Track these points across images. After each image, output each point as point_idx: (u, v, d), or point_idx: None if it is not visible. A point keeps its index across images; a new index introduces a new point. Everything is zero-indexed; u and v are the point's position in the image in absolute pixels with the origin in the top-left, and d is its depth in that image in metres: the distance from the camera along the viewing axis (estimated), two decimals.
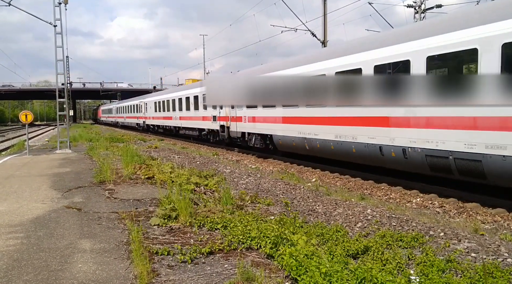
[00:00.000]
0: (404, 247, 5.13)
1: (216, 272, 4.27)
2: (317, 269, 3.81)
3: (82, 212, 6.91)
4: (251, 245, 5.04)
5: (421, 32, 9.68)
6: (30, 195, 8.49)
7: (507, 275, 4.00)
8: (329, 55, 13.16)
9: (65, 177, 10.82)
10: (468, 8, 9.25)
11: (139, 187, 9.29)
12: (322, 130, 13.16)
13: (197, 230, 5.80)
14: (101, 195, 8.41)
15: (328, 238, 5.36)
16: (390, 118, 10.31)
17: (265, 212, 6.99)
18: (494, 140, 7.86)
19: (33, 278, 4.12)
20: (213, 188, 8.98)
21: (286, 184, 10.20)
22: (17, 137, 36.93)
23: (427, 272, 4.12)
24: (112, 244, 5.19)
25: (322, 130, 13.18)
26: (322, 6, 25.51)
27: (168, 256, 4.72)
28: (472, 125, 8.27)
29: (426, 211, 8.22)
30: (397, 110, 9.93)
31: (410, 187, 10.53)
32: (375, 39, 11.66)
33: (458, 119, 8.55)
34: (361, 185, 11.42)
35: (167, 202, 6.78)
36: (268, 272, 4.22)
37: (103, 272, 4.27)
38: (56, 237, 5.53)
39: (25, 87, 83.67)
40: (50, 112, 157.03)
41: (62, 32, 18.06)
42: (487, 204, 8.59)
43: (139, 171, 11.09)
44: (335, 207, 7.55)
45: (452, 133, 8.72)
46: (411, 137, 9.71)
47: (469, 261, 4.48)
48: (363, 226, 6.31)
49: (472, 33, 8.23)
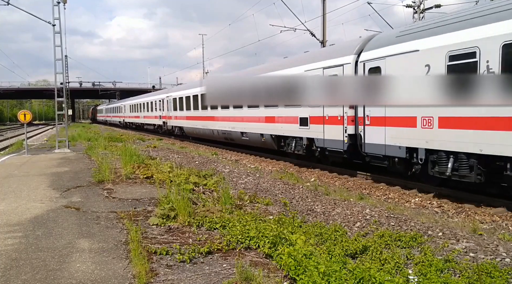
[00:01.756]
0: (403, 246, 5.14)
1: (214, 272, 4.27)
2: (315, 269, 3.81)
3: (80, 212, 6.90)
4: (249, 244, 5.04)
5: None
6: (28, 194, 8.47)
7: (505, 275, 4.01)
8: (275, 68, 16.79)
9: (63, 177, 10.81)
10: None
11: (137, 187, 9.29)
12: (208, 124, 22.90)
13: (196, 230, 5.80)
14: (99, 194, 8.40)
15: (326, 238, 5.37)
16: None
17: (264, 211, 6.99)
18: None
19: (31, 278, 4.12)
20: (212, 188, 8.98)
21: (285, 183, 10.21)
22: (16, 137, 36.86)
23: (426, 271, 4.13)
24: (111, 243, 5.19)
25: (207, 124, 22.99)
26: (321, 6, 25.52)
27: (166, 256, 4.72)
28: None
29: (425, 211, 8.23)
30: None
31: (408, 187, 10.55)
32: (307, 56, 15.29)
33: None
34: (359, 184, 11.43)
35: (166, 201, 6.78)
36: (266, 272, 4.23)
37: (101, 271, 4.26)
38: (55, 236, 5.52)
39: (24, 87, 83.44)
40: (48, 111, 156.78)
41: (61, 32, 18.05)
42: (485, 204, 8.60)
43: (138, 171, 11.08)
44: (334, 207, 7.56)
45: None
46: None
47: (467, 261, 4.49)
48: (362, 226, 6.32)
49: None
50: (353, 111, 11.76)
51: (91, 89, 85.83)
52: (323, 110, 12.79)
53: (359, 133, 11.46)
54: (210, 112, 22.13)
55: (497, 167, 8.02)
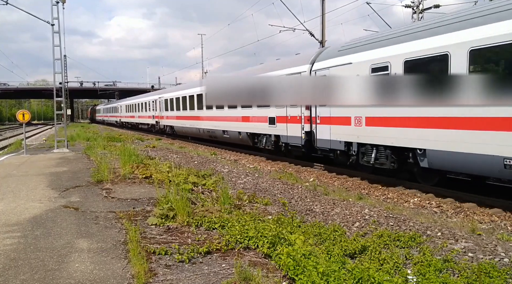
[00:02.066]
0: (402, 246, 5.14)
1: (213, 272, 4.27)
2: (314, 269, 3.81)
3: (79, 212, 6.89)
4: (248, 244, 5.04)
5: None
6: (27, 194, 8.46)
7: (504, 275, 4.02)
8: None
9: (62, 176, 10.80)
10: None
11: (136, 187, 9.28)
12: (195, 123, 25.15)
13: (195, 230, 5.80)
14: (98, 194, 8.39)
15: (325, 238, 5.37)
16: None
17: (263, 211, 6.99)
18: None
19: (30, 278, 4.11)
20: (211, 188, 8.98)
21: (284, 183, 10.21)
22: (14, 137, 36.81)
23: (425, 271, 4.13)
24: (110, 243, 5.18)
25: (194, 123, 25.28)
26: (321, 6, 25.52)
27: (165, 256, 4.72)
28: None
29: (424, 211, 8.24)
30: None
31: (407, 187, 10.56)
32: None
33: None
34: (358, 184, 11.44)
35: (165, 201, 6.77)
36: (265, 272, 4.22)
37: (100, 271, 4.26)
38: (53, 236, 5.52)
39: (22, 86, 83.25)
40: (47, 111, 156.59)
41: (60, 31, 18.04)
42: (484, 204, 8.61)
43: (137, 171, 11.07)
44: (333, 207, 7.56)
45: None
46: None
47: (466, 261, 4.49)
48: (361, 226, 6.32)
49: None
50: (309, 112, 13.84)
51: (90, 89, 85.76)
52: (286, 111, 14.96)
53: (313, 131, 13.63)
54: (197, 113, 24.47)
55: (405, 156, 10.24)
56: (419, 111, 9.34)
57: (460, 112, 8.40)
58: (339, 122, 12.17)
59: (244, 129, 18.52)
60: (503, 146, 7.64)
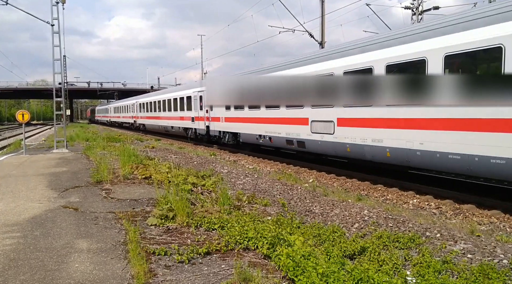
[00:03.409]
0: (401, 248, 5.15)
1: (213, 273, 4.27)
2: (314, 270, 3.82)
3: (79, 212, 6.89)
4: (248, 245, 5.04)
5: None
6: (26, 194, 8.46)
7: (503, 276, 4.03)
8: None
9: (62, 177, 10.79)
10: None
11: (136, 187, 9.28)
12: (157, 121, 35.66)
13: (194, 230, 5.80)
14: (98, 194, 8.39)
15: (325, 239, 5.37)
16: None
17: (262, 212, 6.99)
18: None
19: (30, 278, 4.12)
20: (211, 188, 8.98)
21: (283, 184, 10.22)
22: (14, 137, 36.77)
23: (424, 273, 4.14)
24: (109, 244, 5.19)
25: (157, 121, 35.71)
26: (320, 7, 25.56)
27: (165, 256, 4.72)
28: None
29: (423, 212, 8.25)
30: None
31: (406, 188, 10.57)
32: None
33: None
34: (358, 185, 11.45)
35: (164, 202, 6.78)
36: (265, 273, 4.23)
37: (100, 272, 4.26)
38: (53, 236, 5.52)
39: (22, 86, 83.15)
40: (47, 111, 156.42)
41: (59, 31, 18.03)
42: (483, 205, 8.63)
43: (136, 171, 11.07)
44: (332, 208, 7.57)
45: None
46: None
47: (465, 262, 4.50)
48: (360, 227, 6.33)
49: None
50: (208, 114, 23.09)
51: (90, 89, 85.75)
52: (198, 113, 24.51)
53: (209, 125, 23.29)
54: (157, 114, 35.26)
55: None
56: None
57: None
58: (216, 120, 22.12)
59: (181, 126, 28.60)
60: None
